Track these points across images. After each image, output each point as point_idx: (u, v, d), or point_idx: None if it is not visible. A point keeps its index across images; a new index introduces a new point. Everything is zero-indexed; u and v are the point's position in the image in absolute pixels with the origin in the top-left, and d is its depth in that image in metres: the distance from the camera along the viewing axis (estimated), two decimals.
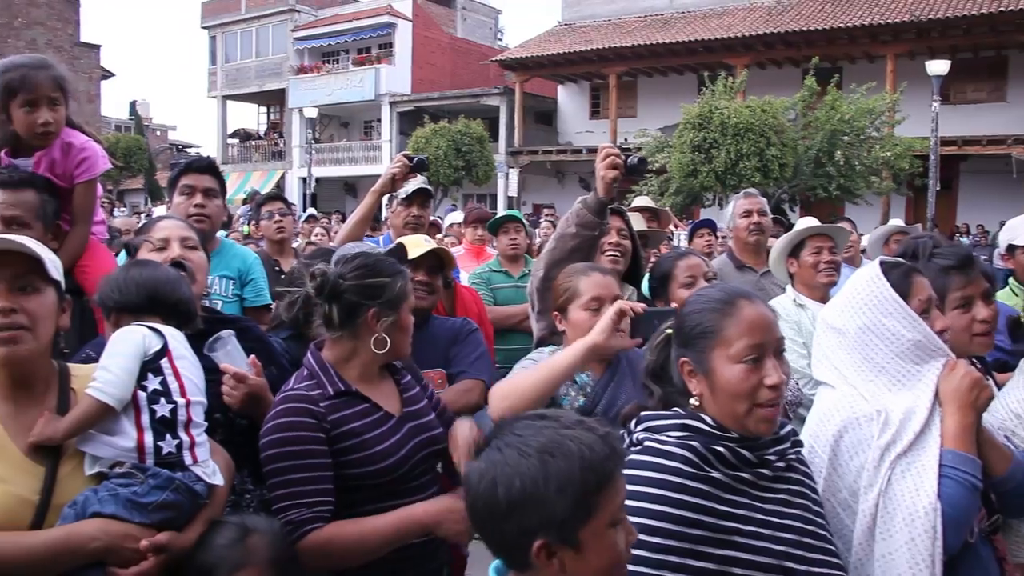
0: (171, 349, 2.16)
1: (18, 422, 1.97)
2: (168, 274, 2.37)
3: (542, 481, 1.40)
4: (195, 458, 2.08)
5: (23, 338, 1.93)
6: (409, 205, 4.26)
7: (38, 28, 44.55)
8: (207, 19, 42.80)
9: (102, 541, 1.89)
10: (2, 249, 1.93)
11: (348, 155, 37.88)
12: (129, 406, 2.04)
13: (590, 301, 2.83)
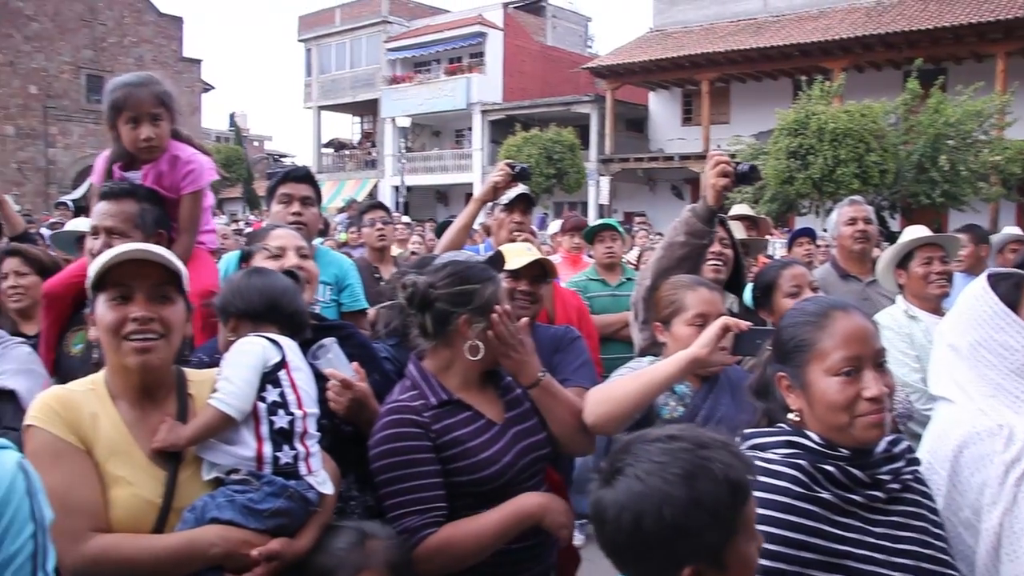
0: (288, 361, 2.22)
1: (142, 427, 2.04)
2: (286, 284, 2.43)
3: (693, 509, 1.35)
4: (310, 468, 2.14)
5: (158, 347, 2.01)
6: (511, 212, 4.25)
7: (145, 45, 46.42)
8: (303, 32, 43.90)
9: (221, 547, 1.95)
10: (142, 259, 2.02)
11: (439, 164, 38.32)
12: (249, 417, 2.11)
13: (695, 317, 2.81)
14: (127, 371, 2.03)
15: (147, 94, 3.09)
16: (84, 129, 44.28)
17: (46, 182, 42.91)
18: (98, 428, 1.99)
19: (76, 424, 1.97)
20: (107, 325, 2.00)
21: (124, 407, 2.05)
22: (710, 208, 3.06)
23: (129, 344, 1.99)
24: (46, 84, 43.09)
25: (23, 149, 42.62)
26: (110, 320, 1.99)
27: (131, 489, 1.96)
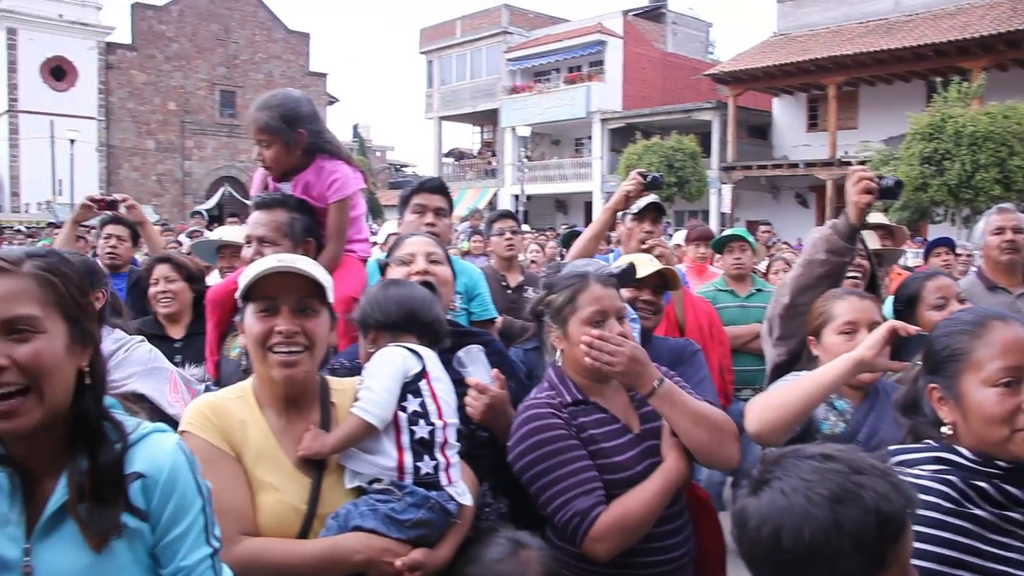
0: (429, 371, 2.24)
1: (288, 434, 2.10)
2: (423, 294, 2.46)
3: (834, 534, 1.29)
4: (450, 479, 2.15)
5: (302, 361, 2.06)
6: (640, 221, 4.24)
7: (274, 61, 48.25)
8: (425, 44, 44.72)
9: (364, 555, 2.00)
10: (287, 272, 2.06)
11: (559, 172, 38.37)
12: (390, 426, 2.14)
13: (844, 325, 2.75)
14: (272, 382, 2.09)
15: (254, 120, 3.21)
16: (217, 142, 46.30)
17: (182, 192, 45.08)
18: (247, 435, 2.07)
19: (227, 431, 2.06)
20: (254, 336, 2.06)
21: (271, 415, 2.12)
22: (852, 226, 2.95)
23: (274, 357, 2.04)
24: (184, 100, 45.30)
25: (162, 162, 44.94)
26: (257, 332, 2.06)
27: (277, 495, 2.03)
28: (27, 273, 1.54)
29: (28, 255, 1.58)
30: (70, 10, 42.47)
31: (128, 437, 1.61)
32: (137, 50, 44.38)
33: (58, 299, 1.56)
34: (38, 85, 41.41)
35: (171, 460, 1.62)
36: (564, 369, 2.53)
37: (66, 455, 1.57)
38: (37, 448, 1.57)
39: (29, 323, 1.51)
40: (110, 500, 1.54)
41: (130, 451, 1.60)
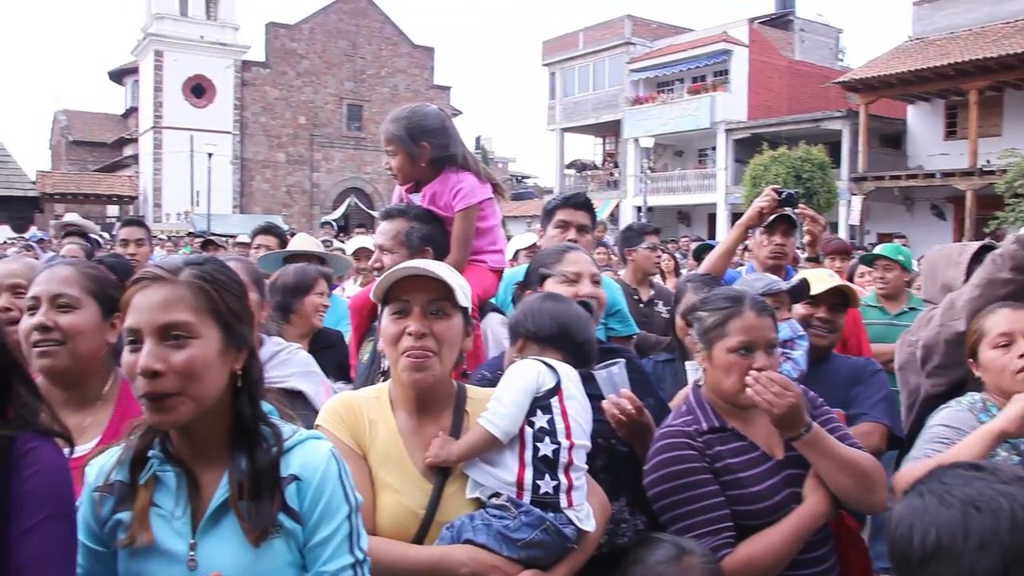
0: (563, 389, 2.19)
1: (416, 437, 2.12)
2: (579, 313, 2.44)
3: (961, 535, 1.29)
4: (571, 502, 2.09)
5: (431, 364, 2.07)
6: (771, 234, 4.15)
7: (399, 75, 49.36)
8: (547, 56, 44.84)
9: (470, 568, 1.98)
10: (418, 275, 2.09)
11: (682, 184, 37.83)
12: (515, 440, 2.11)
13: (999, 337, 2.61)
14: (404, 386, 2.12)
15: (383, 132, 3.36)
16: (344, 154, 47.63)
17: (310, 203, 46.54)
18: (375, 435, 2.12)
19: (355, 429, 2.12)
20: (388, 337, 2.11)
21: (402, 417, 2.15)
22: None
23: (405, 360, 2.07)
24: (313, 114, 46.82)
25: (292, 174, 46.53)
26: (390, 333, 2.10)
27: (397, 497, 2.06)
28: (183, 281, 1.64)
29: (186, 263, 1.68)
30: (210, 31, 44.57)
31: (284, 442, 1.70)
32: (270, 67, 46.16)
33: (212, 305, 1.65)
34: (180, 103, 43.60)
35: (323, 465, 1.69)
36: (704, 392, 2.47)
37: (227, 456, 1.68)
38: (201, 448, 1.68)
39: (184, 329, 1.60)
40: (268, 499, 1.63)
41: (287, 455, 1.69)
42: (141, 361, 1.58)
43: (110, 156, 53.73)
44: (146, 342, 1.60)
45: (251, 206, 44.91)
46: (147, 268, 1.69)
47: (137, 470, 1.69)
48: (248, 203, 45.11)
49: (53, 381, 2.27)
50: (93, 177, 46.21)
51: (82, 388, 2.32)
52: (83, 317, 2.28)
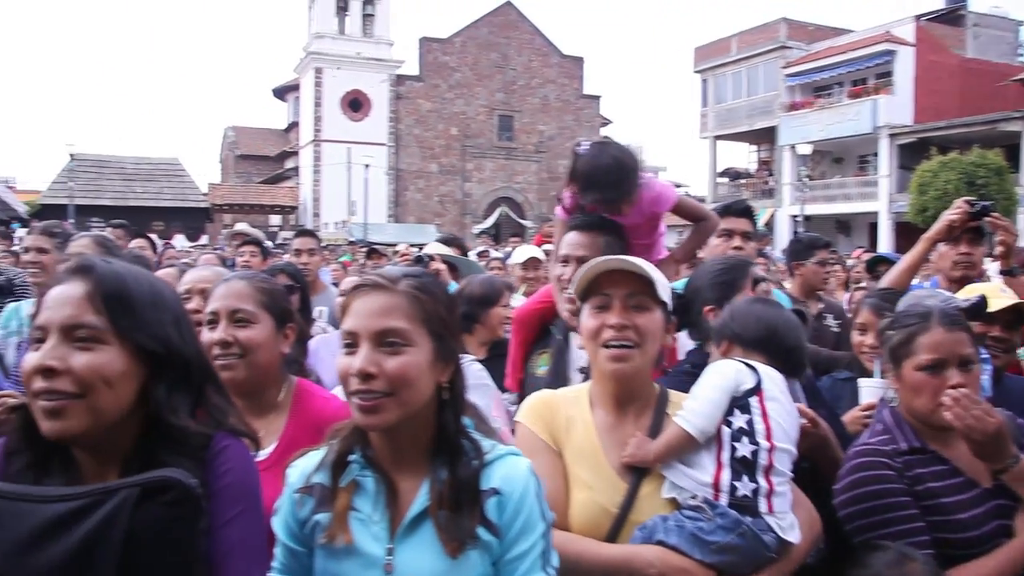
0: (764, 389, 2.13)
1: (613, 435, 2.13)
2: (790, 318, 2.40)
3: None
4: (771, 507, 2.01)
5: (632, 356, 2.07)
6: (955, 244, 3.91)
7: (549, 86, 49.72)
8: (699, 63, 44.15)
9: (658, 569, 1.95)
10: (618, 269, 2.11)
11: (841, 192, 36.39)
12: (712, 440, 2.06)
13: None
14: (604, 378, 2.14)
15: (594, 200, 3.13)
16: (495, 164, 48.29)
17: (461, 213, 47.37)
18: (571, 432, 2.14)
19: (553, 425, 2.16)
20: (588, 331, 2.12)
21: (600, 414, 2.17)
22: None
23: (606, 351, 2.08)
24: (464, 125, 47.69)
25: (444, 184, 47.51)
26: (591, 327, 2.11)
27: (591, 494, 2.06)
28: (401, 291, 1.71)
29: (404, 275, 1.75)
30: (366, 48, 46.13)
31: (484, 456, 1.74)
32: (423, 80, 47.30)
33: (426, 316, 1.71)
34: (338, 117, 45.25)
35: (523, 482, 1.72)
36: (901, 410, 2.34)
37: (428, 465, 1.73)
38: (402, 456, 1.74)
39: (400, 336, 1.67)
40: (467, 511, 1.67)
41: (487, 468, 1.72)
42: (356, 363, 1.65)
43: (273, 168, 56.34)
44: (362, 346, 1.67)
45: (405, 215, 46.12)
46: (368, 275, 1.77)
47: (338, 473, 1.75)
48: (402, 212, 46.35)
49: (232, 392, 2.33)
50: (258, 189, 48.67)
51: (259, 397, 2.43)
52: (259, 331, 2.40)
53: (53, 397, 1.48)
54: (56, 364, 1.48)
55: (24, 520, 1.40)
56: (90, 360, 1.50)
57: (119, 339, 1.54)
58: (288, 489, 1.79)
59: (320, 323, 5.26)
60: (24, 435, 1.58)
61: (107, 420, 1.52)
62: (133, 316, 1.56)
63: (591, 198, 3.09)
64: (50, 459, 1.57)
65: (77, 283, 1.56)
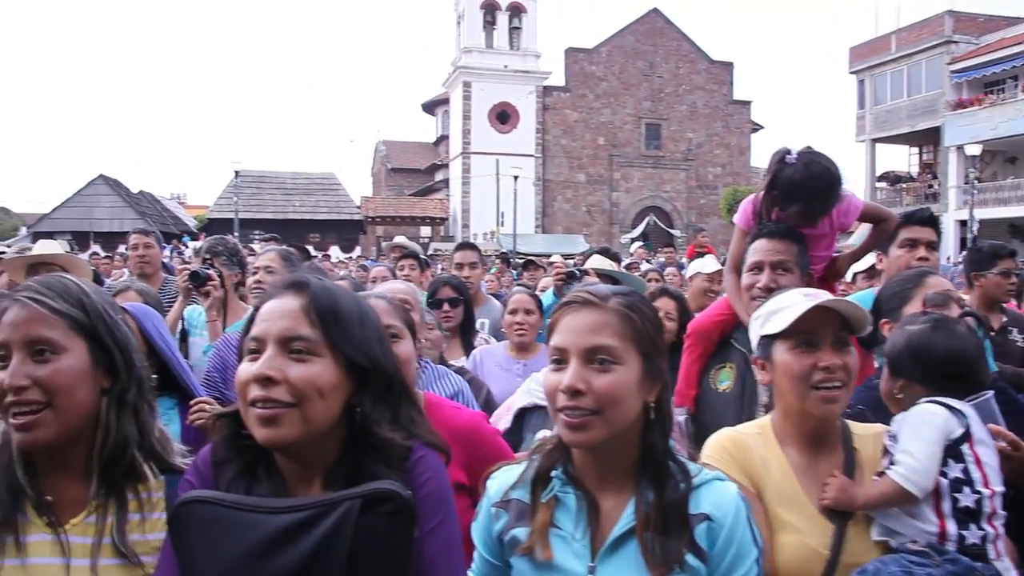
0: (973, 434, 2.07)
1: (810, 475, 2.07)
2: (975, 345, 2.27)
3: None
4: (998, 552, 1.97)
5: (841, 397, 2.03)
6: None
7: (697, 92, 49.05)
8: (855, 64, 42.46)
9: None
10: (828, 307, 2.03)
11: (1016, 194, 34.14)
12: (929, 492, 2.00)
13: None
14: (803, 417, 2.08)
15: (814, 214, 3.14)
16: (643, 173, 48.00)
17: (609, 222, 47.28)
18: (769, 472, 2.09)
19: (748, 466, 2.09)
20: (796, 372, 2.04)
21: (792, 453, 2.11)
22: None
23: (817, 393, 2.02)
24: (611, 135, 47.62)
25: (592, 194, 47.56)
26: (799, 368, 2.04)
27: (799, 536, 2.01)
28: (611, 308, 1.70)
29: (613, 293, 1.74)
30: (513, 61, 46.81)
31: (692, 479, 1.70)
32: (570, 91, 47.54)
33: (635, 334, 1.69)
34: (486, 129, 46.08)
35: (734, 507, 1.68)
36: None
37: (632, 485, 1.71)
38: (605, 475, 1.73)
39: (609, 353, 1.66)
40: (676, 534, 1.64)
41: (694, 492, 1.69)
42: (566, 380, 1.65)
43: (423, 181, 57.74)
44: (571, 362, 1.67)
45: (552, 226, 46.38)
46: (577, 292, 1.77)
47: (539, 489, 1.75)
48: (550, 223, 46.63)
49: None
50: (409, 201, 50.02)
51: None
52: (407, 346, 2.47)
53: (269, 405, 1.53)
54: (274, 374, 1.53)
55: (256, 530, 1.46)
56: (305, 371, 1.55)
57: (331, 352, 1.59)
58: (487, 502, 1.82)
59: (482, 335, 5.31)
60: (231, 443, 1.64)
61: (317, 430, 1.57)
62: (344, 331, 1.61)
63: (795, 208, 3.04)
64: (256, 467, 1.63)
65: (292, 297, 1.61)
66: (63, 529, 1.71)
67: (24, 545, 1.69)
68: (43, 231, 37.34)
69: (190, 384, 3.00)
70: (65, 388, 1.67)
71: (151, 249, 5.68)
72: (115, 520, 1.73)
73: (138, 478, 1.78)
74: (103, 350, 1.74)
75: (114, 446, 1.75)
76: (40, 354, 1.66)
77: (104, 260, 15.45)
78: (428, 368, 3.27)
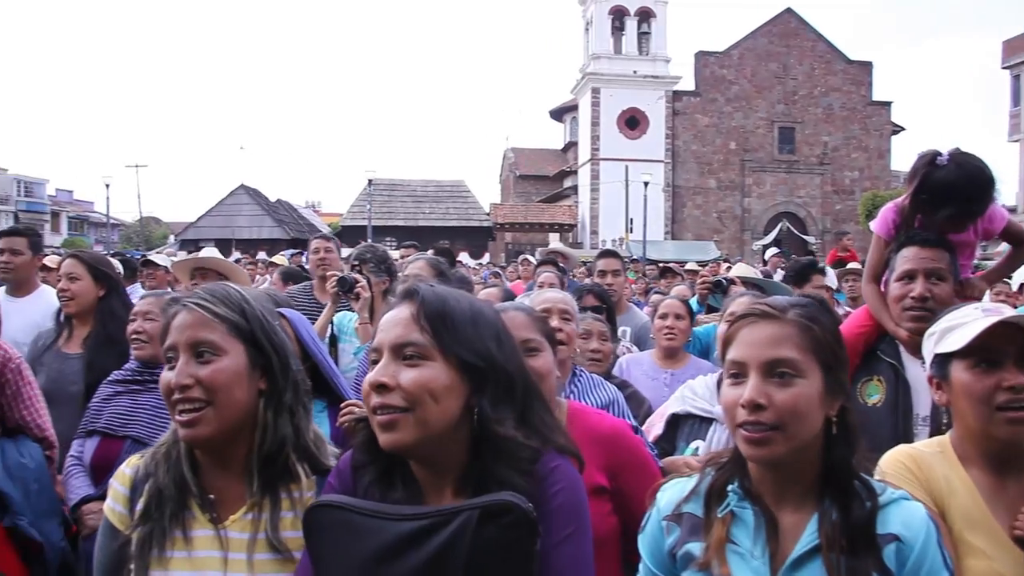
0: None
1: (998, 497, 1.97)
2: None
3: None
4: None
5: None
6: None
7: (834, 94, 47.55)
8: (1009, 58, 40.43)
9: None
10: (1012, 323, 1.92)
11: None
12: None
13: None
14: (988, 440, 1.98)
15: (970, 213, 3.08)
16: (776, 178, 46.88)
17: (740, 229, 46.35)
18: (953, 493, 2.00)
19: (929, 485, 2.01)
20: (977, 393, 1.94)
21: (976, 474, 2.02)
22: None
23: (1003, 415, 1.92)
24: (743, 139, 46.69)
25: (722, 200, 46.73)
26: (981, 389, 1.94)
27: (990, 563, 1.92)
28: (791, 320, 1.68)
29: (791, 304, 1.72)
30: (642, 66, 46.52)
31: (878, 497, 1.65)
32: (700, 95, 46.87)
33: (817, 347, 1.66)
34: (615, 135, 45.92)
35: (924, 528, 1.62)
36: None
37: (814, 502, 1.67)
38: (785, 490, 1.68)
39: (791, 367, 1.63)
40: (863, 555, 1.58)
41: (881, 512, 1.63)
42: (746, 394, 1.63)
43: (551, 188, 57.95)
44: (751, 376, 1.64)
45: (682, 232, 45.76)
46: (754, 305, 1.75)
47: (714, 503, 1.73)
48: (679, 229, 46.03)
49: None
50: (537, 207, 50.28)
51: None
52: (547, 359, 2.44)
53: (386, 411, 1.57)
54: (387, 380, 1.58)
55: (379, 535, 1.50)
56: (416, 375, 1.58)
57: (442, 355, 1.61)
58: (656, 515, 1.81)
59: (624, 343, 5.25)
60: (368, 448, 1.68)
61: (435, 432, 1.59)
62: (454, 333, 1.63)
63: (948, 211, 2.93)
64: (392, 473, 1.67)
65: (405, 306, 1.66)
66: (223, 525, 1.82)
67: (190, 539, 1.81)
68: (188, 238, 39.40)
69: (340, 387, 3.10)
70: (224, 387, 1.78)
71: (331, 254, 5.85)
72: (270, 516, 1.82)
73: (292, 478, 1.88)
74: (261, 353, 1.85)
75: (271, 446, 1.84)
76: (202, 356, 1.78)
77: (249, 266, 16.15)
78: (583, 377, 3.23)
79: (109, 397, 3.45)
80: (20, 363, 3.37)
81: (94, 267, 4.22)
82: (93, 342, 4.06)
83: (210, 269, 5.16)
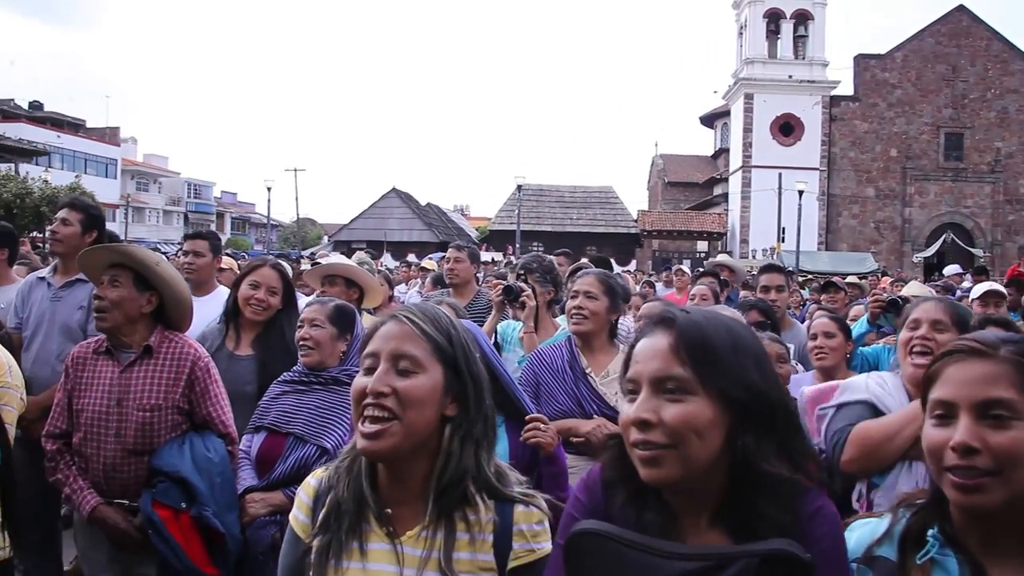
0: None
1: None
2: None
3: None
4: None
5: None
6: None
7: (1009, 96, 44.84)
8: None
9: None
10: None
11: None
12: None
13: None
14: None
15: None
16: (940, 187, 44.63)
17: (900, 240, 44.31)
18: None
19: None
20: None
21: None
22: None
23: None
24: (905, 146, 44.63)
25: (881, 209, 44.80)
26: None
27: None
28: (1004, 357, 1.55)
29: (1003, 340, 1.59)
30: (798, 71, 45.11)
31: None
32: (859, 100, 45.13)
33: None
34: (768, 142, 44.70)
35: None
36: None
37: None
38: (993, 538, 1.55)
39: (1008, 407, 1.50)
40: None
41: None
42: (957, 436, 1.52)
43: (700, 195, 57.03)
44: (962, 417, 1.53)
45: (837, 243, 44.09)
46: (962, 341, 1.63)
47: (910, 548, 1.62)
48: (834, 240, 44.36)
49: None
50: (685, 215, 49.59)
51: None
52: None
53: (648, 447, 1.52)
54: (650, 416, 1.52)
55: (650, 573, 1.43)
56: (679, 412, 1.52)
57: (704, 389, 1.53)
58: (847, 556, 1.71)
59: (791, 362, 5.08)
60: (620, 465, 1.63)
61: (698, 468, 1.53)
62: (716, 365, 1.55)
63: None
64: (645, 493, 1.60)
65: (661, 335, 1.58)
66: (400, 540, 1.82)
67: (366, 552, 1.82)
68: (341, 240, 40.87)
69: (522, 401, 3.05)
70: (417, 403, 1.78)
71: (460, 264, 5.94)
72: (444, 539, 1.81)
73: (468, 504, 1.85)
74: (458, 380, 1.85)
75: (453, 475, 1.83)
76: (402, 368, 1.79)
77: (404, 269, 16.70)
78: None
79: (276, 396, 3.65)
80: (208, 362, 3.58)
81: (285, 289, 4.40)
82: (269, 346, 4.24)
83: (339, 276, 5.18)
